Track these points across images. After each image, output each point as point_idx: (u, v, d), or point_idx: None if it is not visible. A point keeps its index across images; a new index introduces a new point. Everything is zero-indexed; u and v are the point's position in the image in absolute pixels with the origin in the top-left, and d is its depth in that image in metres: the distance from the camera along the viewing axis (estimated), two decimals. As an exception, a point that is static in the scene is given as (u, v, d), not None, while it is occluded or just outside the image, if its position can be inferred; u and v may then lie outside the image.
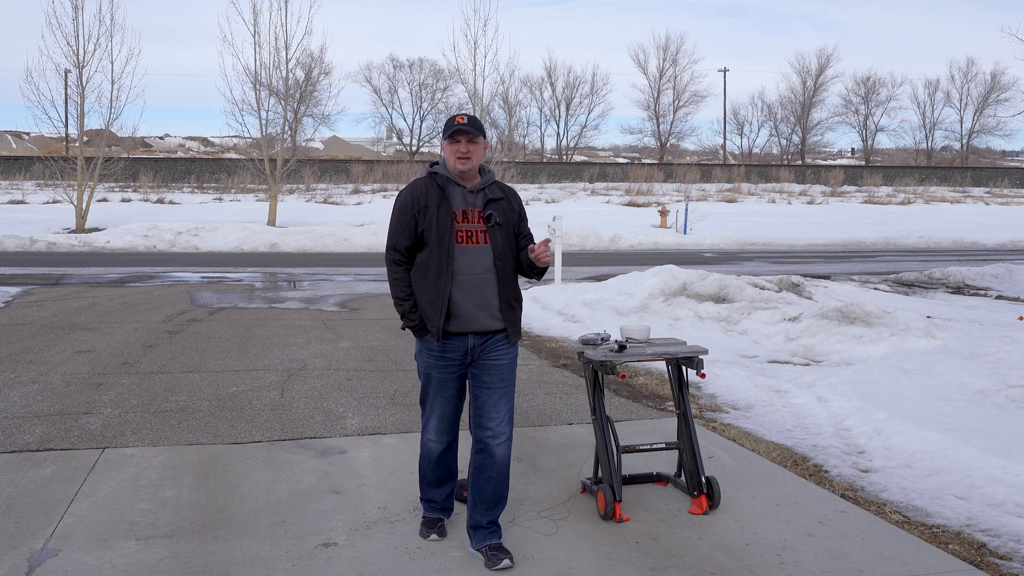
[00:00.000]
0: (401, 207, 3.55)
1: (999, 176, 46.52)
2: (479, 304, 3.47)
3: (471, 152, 3.50)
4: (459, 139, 3.49)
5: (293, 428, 5.30)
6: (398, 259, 3.57)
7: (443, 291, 3.45)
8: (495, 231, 3.49)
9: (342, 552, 3.55)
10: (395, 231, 3.56)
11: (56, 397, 5.91)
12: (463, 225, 3.49)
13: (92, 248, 18.16)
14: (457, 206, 3.50)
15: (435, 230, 3.46)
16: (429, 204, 3.49)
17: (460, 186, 3.53)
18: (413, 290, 3.54)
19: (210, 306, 10.20)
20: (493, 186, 3.59)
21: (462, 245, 3.47)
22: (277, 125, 23.30)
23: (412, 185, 3.60)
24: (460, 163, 3.49)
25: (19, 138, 58.49)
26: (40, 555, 3.46)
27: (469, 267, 3.46)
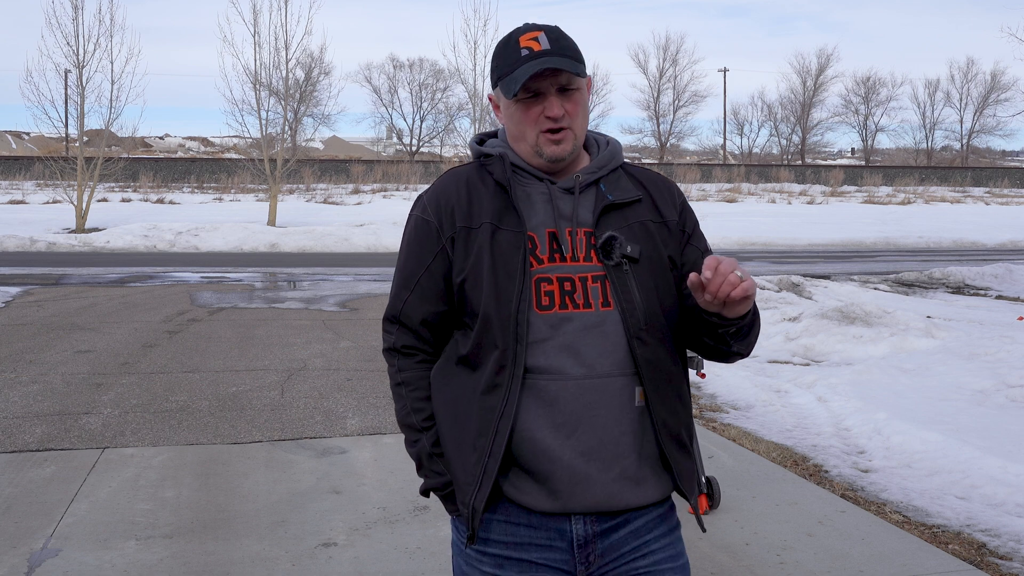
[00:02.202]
0: (415, 233, 1.72)
1: (999, 176, 46.50)
2: (595, 448, 1.61)
3: (572, 113, 1.65)
4: (540, 88, 1.63)
5: (293, 428, 5.30)
6: (406, 344, 1.75)
7: (498, 419, 1.60)
8: (626, 275, 1.63)
9: (342, 552, 3.55)
10: (400, 284, 1.74)
11: (56, 397, 5.91)
12: (551, 268, 1.63)
13: (92, 248, 18.17)
14: (538, 225, 1.65)
15: (488, 281, 1.62)
16: (476, 223, 1.65)
17: (543, 180, 1.69)
18: (434, 410, 1.73)
19: (210, 306, 10.20)
20: (617, 175, 1.73)
21: (551, 311, 1.61)
22: (277, 125, 23.33)
23: (440, 184, 1.74)
24: (553, 142, 1.65)
25: (19, 138, 58.51)
26: (40, 555, 3.46)
27: (571, 361, 1.60)
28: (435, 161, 41.38)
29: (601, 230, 1.65)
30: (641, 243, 1.66)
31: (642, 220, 1.69)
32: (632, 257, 1.64)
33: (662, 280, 1.67)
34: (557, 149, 1.66)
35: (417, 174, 37.32)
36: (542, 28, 1.67)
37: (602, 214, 1.66)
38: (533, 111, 1.65)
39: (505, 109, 1.69)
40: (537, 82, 1.63)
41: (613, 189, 1.70)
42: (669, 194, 1.76)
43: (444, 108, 52.73)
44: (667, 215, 1.72)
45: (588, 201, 1.68)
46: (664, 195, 1.75)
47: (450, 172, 1.77)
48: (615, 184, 1.71)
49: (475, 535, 1.65)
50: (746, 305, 1.54)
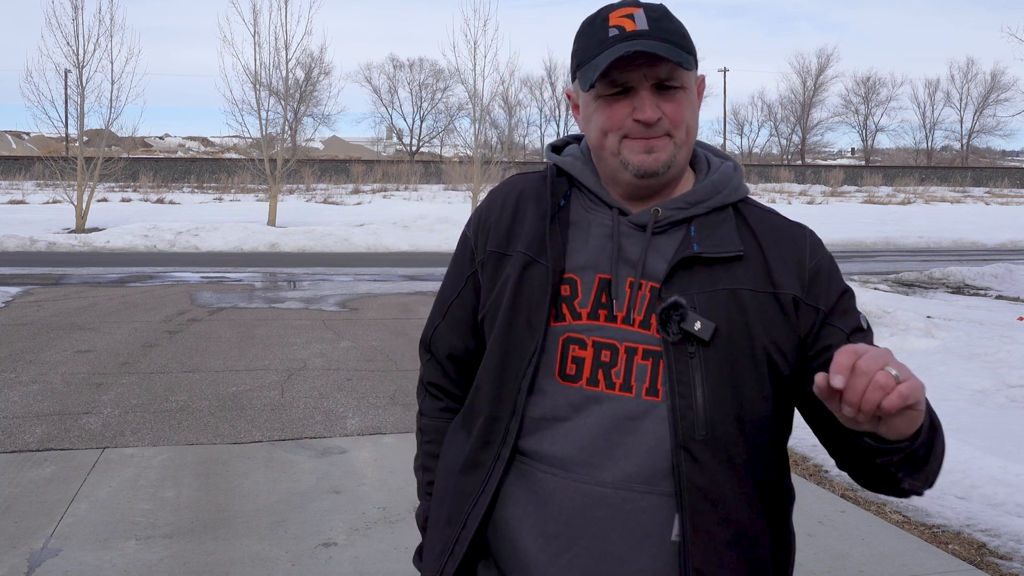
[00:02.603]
0: (458, 249, 1.42)
1: (999, 176, 46.53)
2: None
3: (672, 116, 1.23)
4: (628, 79, 1.22)
5: (293, 428, 5.30)
6: (432, 383, 1.47)
7: (467, 510, 1.29)
8: (692, 359, 1.19)
9: (342, 552, 3.54)
10: (436, 306, 1.45)
11: (56, 397, 5.91)
12: (590, 327, 1.23)
13: (92, 248, 18.16)
14: (585, 264, 1.26)
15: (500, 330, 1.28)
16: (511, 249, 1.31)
17: (613, 208, 1.28)
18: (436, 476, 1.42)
19: (210, 306, 10.20)
20: (722, 216, 1.28)
21: (576, 384, 1.23)
22: (277, 125, 23.33)
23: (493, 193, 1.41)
24: (640, 151, 1.23)
25: (19, 138, 58.53)
26: (40, 555, 3.46)
27: (584, 455, 1.21)
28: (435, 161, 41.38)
29: (671, 290, 1.19)
30: (722, 319, 1.18)
31: (735, 287, 1.20)
32: (698, 337, 1.17)
33: (746, 377, 1.19)
34: (648, 159, 1.21)
35: (417, 174, 37.34)
36: (641, 4, 1.24)
37: (679, 267, 1.20)
38: (619, 111, 1.22)
39: (584, 107, 1.27)
40: (625, 72, 1.19)
41: (706, 236, 1.23)
42: (795, 255, 1.24)
43: (444, 108, 52.81)
44: (781, 284, 1.21)
45: (666, 246, 1.23)
46: (786, 255, 1.24)
47: (511, 180, 1.40)
48: (712, 229, 1.24)
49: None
50: (913, 420, 1.02)
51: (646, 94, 1.21)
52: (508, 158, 31.35)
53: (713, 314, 1.19)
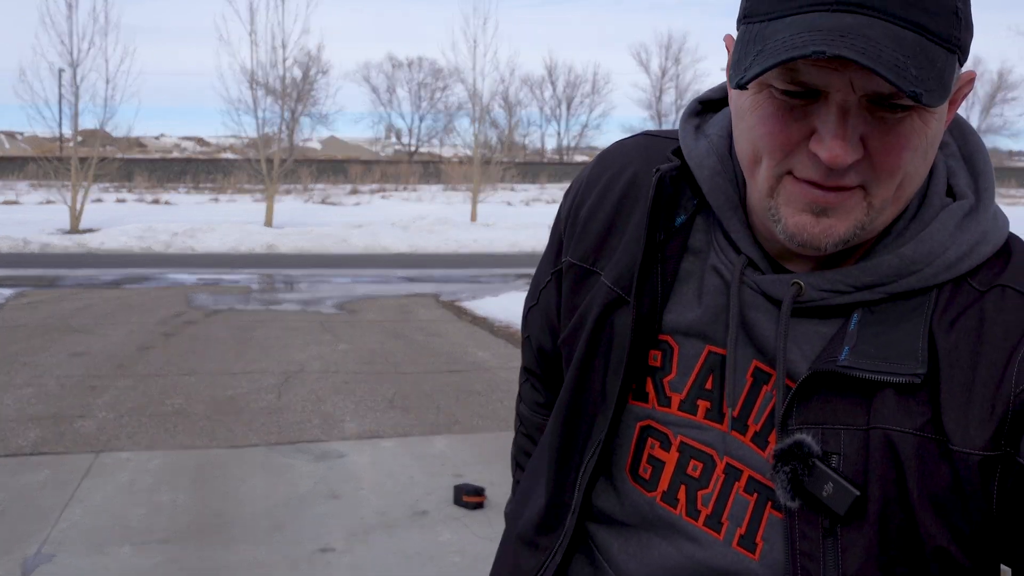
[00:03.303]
0: (554, 224, 1.00)
1: (1006, 176, 46.65)
2: None
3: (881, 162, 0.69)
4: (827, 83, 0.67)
5: (290, 432, 5.26)
6: (528, 367, 1.13)
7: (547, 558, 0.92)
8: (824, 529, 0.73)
9: (340, 557, 3.51)
10: (532, 284, 1.06)
11: (50, 400, 5.86)
12: (680, 421, 0.82)
13: (87, 249, 18.11)
14: (691, 326, 0.82)
15: (567, 389, 0.91)
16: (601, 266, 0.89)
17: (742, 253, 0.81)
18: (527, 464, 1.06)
19: (206, 308, 10.15)
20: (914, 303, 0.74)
21: (651, 494, 0.84)
22: (274, 125, 23.29)
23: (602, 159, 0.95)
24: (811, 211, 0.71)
25: (12, 138, 58.43)
26: (34, 560, 3.42)
27: None
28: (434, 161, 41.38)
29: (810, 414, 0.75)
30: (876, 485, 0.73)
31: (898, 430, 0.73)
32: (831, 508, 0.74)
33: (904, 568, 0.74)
34: (815, 228, 0.73)
35: (416, 174, 37.34)
36: None
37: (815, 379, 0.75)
38: (791, 127, 0.72)
39: (736, 94, 0.77)
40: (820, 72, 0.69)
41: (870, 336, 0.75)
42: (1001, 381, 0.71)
43: (443, 108, 52.79)
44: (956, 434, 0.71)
45: (818, 335, 0.78)
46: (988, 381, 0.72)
47: (636, 140, 0.96)
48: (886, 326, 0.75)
49: None
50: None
51: (846, 114, 0.69)
52: (508, 158, 31.35)
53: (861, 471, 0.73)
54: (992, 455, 0.71)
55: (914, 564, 0.73)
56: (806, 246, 0.75)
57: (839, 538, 0.74)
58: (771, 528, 0.78)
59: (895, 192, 0.73)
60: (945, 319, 0.74)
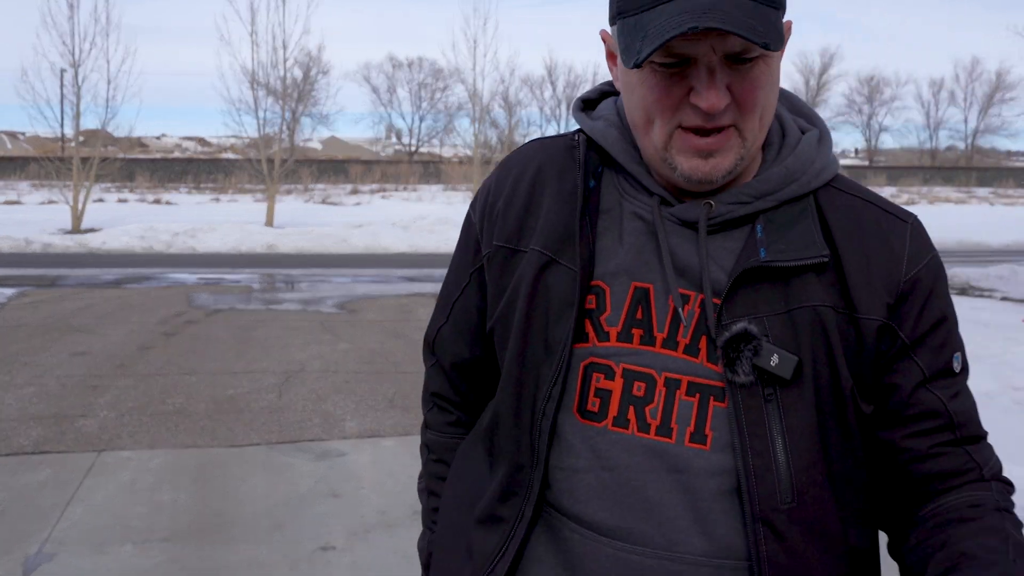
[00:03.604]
0: (461, 233, 1.14)
1: (1004, 176, 46.58)
2: None
3: (744, 101, 0.89)
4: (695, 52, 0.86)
5: (291, 431, 5.26)
6: (438, 393, 1.20)
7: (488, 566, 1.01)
8: (765, 405, 0.90)
9: (340, 556, 3.51)
10: (440, 302, 1.18)
11: (51, 400, 5.86)
12: (619, 350, 0.94)
13: (88, 249, 18.11)
14: (618, 270, 0.96)
15: (513, 351, 0.98)
16: (524, 243, 1.01)
17: (654, 195, 0.98)
18: (441, 504, 1.17)
19: (207, 308, 10.15)
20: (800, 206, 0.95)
21: (601, 424, 0.94)
22: (275, 125, 23.30)
23: (506, 161, 1.11)
24: (698, 153, 0.91)
25: (14, 138, 58.47)
26: (35, 559, 3.42)
27: (614, 518, 0.93)
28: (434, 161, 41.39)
29: (735, 311, 0.91)
30: (805, 349, 0.90)
31: (818, 304, 0.91)
32: (780, 376, 0.89)
33: (834, 423, 0.92)
34: (704, 166, 0.91)
35: (416, 174, 37.34)
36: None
37: (742, 281, 0.91)
38: (672, 90, 0.89)
39: (624, 73, 0.95)
40: (688, 43, 0.86)
41: (776, 237, 0.93)
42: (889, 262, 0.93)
43: (444, 108, 52.80)
44: (862, 304, 0.92)
45: (723, 251, 0.94)
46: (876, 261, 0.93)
47: (530, 147, 1.10)
48: (784, 228, 0.93)
49: None
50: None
51: (712, 72, 0.87)
52: (506, 159, 31.31)
53: (791, 342, 0.90)
54: (884, 323, 0.93)
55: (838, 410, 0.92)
56: (702, 183, 0.93)
57: (780, 402, 0.90)
58: (716, 418, 0.91)
59: (759, 124, 0.92)
60: (832, 215, 0.95)
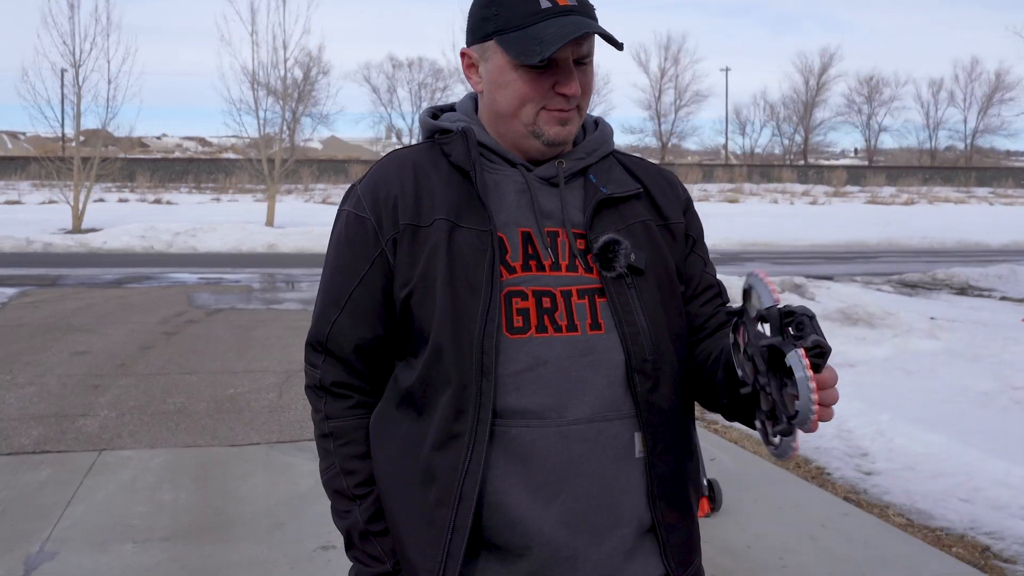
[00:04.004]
0: (345, 234, 1.36)
1: (1003, 176, 46.56)
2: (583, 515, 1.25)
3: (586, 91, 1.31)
4: (560, 56, 1.27)
5: (292, 430, 5.27)
6: (335, 381, 1.37)
7: (460, 479, 1.23)
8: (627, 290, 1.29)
9: (341, 555, 3.48)
10: (327, 302, 1.37)
11: (52, 399, 5.87)
12: (526, 278, 1.28)
13: (89, 249, 18.12)
14: (509, 222, 1.30)
15: (443, 296, 1.25)
16: (426, 220, 1.29)
17: (515, 165, 1.34)
18: (375, 470, 1.36)
19: (208, 307, 10.16)
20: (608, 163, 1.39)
21: (527, 335, 1.26)
22: (275, 125, 23.30)
23: (378, 171, 1.38)
24: (559, 122, 1.30)
25: (15, 138, 58.48)
26: (36, 558, 3.43)
27: (551, 401, 1.25)
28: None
29: (597, 231, 1.28)
30: (645, 249, 1.30)
31: (643, 220, 1.33)
32: (637, 268, 1.28)
33: (671, 298, 1.32)
34: (562, 131, 1.29)
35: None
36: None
37: (596, 211, 1.30)
38: (543, 83, 1.26)
39: (496, 73, 1.29)
40: (560, 50, 1.24)
41: (606, 180, 1.33)
42: (672, 189, 1.40)
43: (443, 108, 52.66)
44: (671, 216, 1.37)
45: (575, 195, 1.32)
46: (666, 190, 1.39)
47: (391, 155, 1.39)
48: (607, 174, 1.35)
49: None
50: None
51: (572, 70, 1.28)
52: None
53: (636, 248, 1.30)
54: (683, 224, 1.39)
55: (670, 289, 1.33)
56: (559, 143, 1.31)
57: (637, 288, 1.28)
58: (602, 310, 1.27)
59: (586, 106, 1.33)
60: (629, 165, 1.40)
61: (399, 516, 1.30)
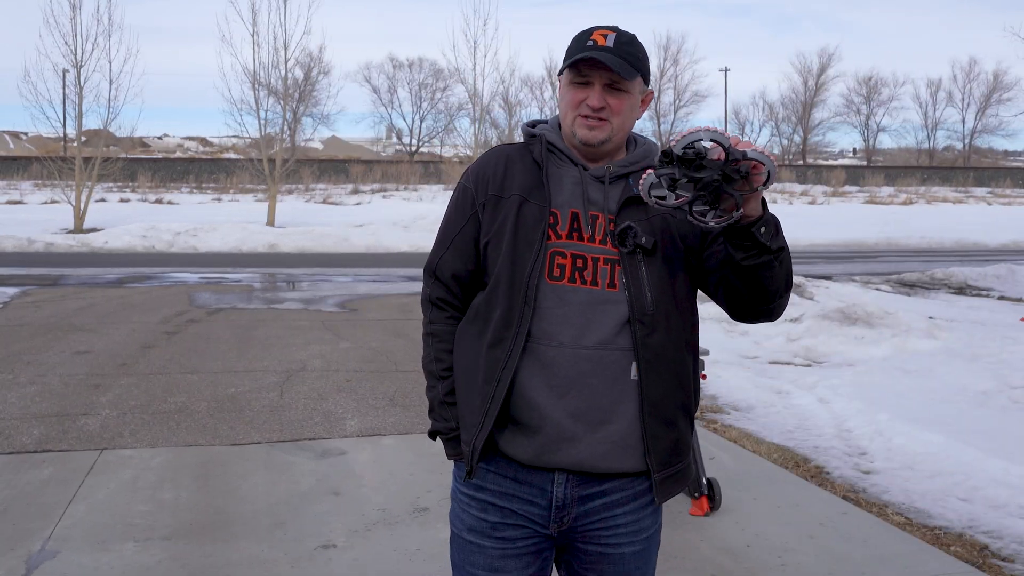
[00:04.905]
0: (457, 197, 1.90)
1: (1001, 176, 46.52)
2: (583, 411, 1.73)
3: (614, 109, 1.76)
4: (590, 77, 1.76)
5: (292, 429, 5.28)
6: (439, 297, 1.91)
7: (500, 370, 1.75)
8: (638, 263, 1.74)
9: (341, 554, 3.53)
10: (439, 241, 1.91)
11: (54, 398, 5.88)
12: (568, 244, 1.75)
13: (90, 249, 18.13)
14: (563, 203, 1.78)
15: (508, 245, 1.77)
16: (507, 193, 1.80)
17: (576, 165, 1.81)
18: (454, 361, 1.88)
19: (209, 307, 10.17)
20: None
21: (561, 283, 1.74)
22: (276, 125, 23.30)
23: (483, 157, 1.91)
24: (585, 127, 1.77)
25: (17, 138, 58.46)
26: (38, 557, 3.44)
27: (571, 331, 1.73)
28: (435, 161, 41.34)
29: (621, 219, 1.76)
30: (658, 235, 1.77)
31: (663, 214, 1.77)
32: (645, 248, 1.75)
33: (677, 272, 1.79)
34: (588, 134, 1.78)
35: (417, 174, 37.32)
36: (616, 30, 1.80)
37: (624, 205, 1.77)
38: (578, 95, 1.78)
39: (560, 89, 1.86)
40: (590, 70, 1.75)
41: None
42: None
43: (444, 108, 52.78)
44: None
45: (615, 191, 1.79)
46: None
47: (496, 148, 1.92)
48: None
49: (473, 471, 1.80)
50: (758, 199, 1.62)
51: (599, 89, 1.76)
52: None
53: (651, 232, 1.75)
54: None
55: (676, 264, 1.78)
56: (586, 144, 1.78)
57: (646, 264, 1.74)
58: (619, 275, 1.74)
59: (620, 123, 1.78)
60: None
61: (462, 391, 1.85)
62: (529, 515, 1.80)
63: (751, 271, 1.68)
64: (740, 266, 1.67)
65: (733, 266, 1.69)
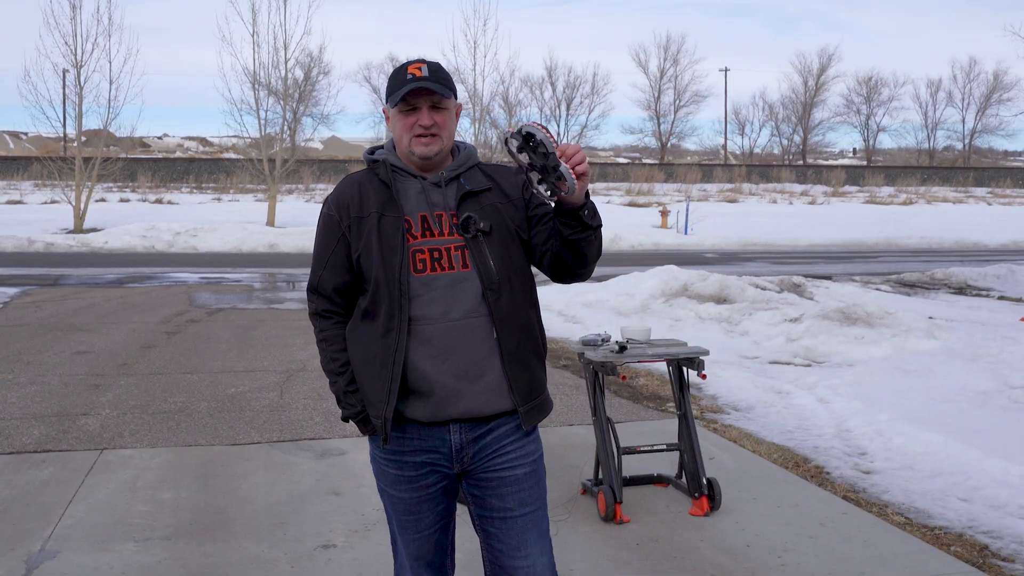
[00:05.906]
0: (324, 224, 2.28)
1: (1002, 176, 46.51)
2: (462, 371, 2.16)
3: (440, 124, 2.20)
4: (417, 103, 2.18)
5: (292, 429, 5.28)
6: (324, 309, 2.30)
7: (393, 353, 2.16)
8: (480, 244, 2.17)
9: (341, 554, 3.53)
10: (316, 263, 2.30)
11: (54, 398, 5.89)
12: (423, 242, 2.17)
13: (90, 248, 18.13)
14: (412, 210, 2.19)
15: (376, 254, 2.17)
16: (365, 213, 2.20)
17: (416, 177, 2.22)
18: (351, 356, 2.28)
19: (209, 307, 10.17)
20: (473, 171, 2.27)
21: (424, 274, 2.16)
22: (276, 125, 23.29)
23: (339, 187, 2.31)
24: (422, 144, 2.18)
25: (17, 138, 58.45)
26: (38, 557, 3.44)
27: (440, 310, 2.16)
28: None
29: (461, 212, 2.18)
30: (492, 220, 2.20)
31: (493, 203, 2.22)
32: (484, 231, 2.18)
33: (511, 246, 2.22)
34: (425, 149, 2.19)
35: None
36: (424, 61, 2.22)
37: (461, 200, 2.20)
38: (410, 120, 2.18)
39: (391, 119, 2.24)
40: (415, 98, 2.16)
41: (470, 182, 2.24)
42: (513, 181, 2.29)
43: (444, 108, 52.64)
44: (512, 196, 2.26)
45: (451, 192, 2.22)
46: (509, 181, 2.29)
47: (348, 177, 2.32)
48: (471, 178, 2.25)
49: (388, 437, 2.22)
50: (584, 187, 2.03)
51: (426, 111, 2.18)
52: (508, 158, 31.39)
53: (487, 218, 2.18)
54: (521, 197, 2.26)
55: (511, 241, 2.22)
56: (424, 157, 2.19)
57: (487, 244, 2.17)
58: (468, 257, 2.16)
59: (447, 136, 2.21)
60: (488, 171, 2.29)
61: (364, 379, 2.23)
62: (436, 463, 2.23)
63: (575, 243, 2.13)
64: (567, 240, 2.12)
65: (563, 240, 2.13)
